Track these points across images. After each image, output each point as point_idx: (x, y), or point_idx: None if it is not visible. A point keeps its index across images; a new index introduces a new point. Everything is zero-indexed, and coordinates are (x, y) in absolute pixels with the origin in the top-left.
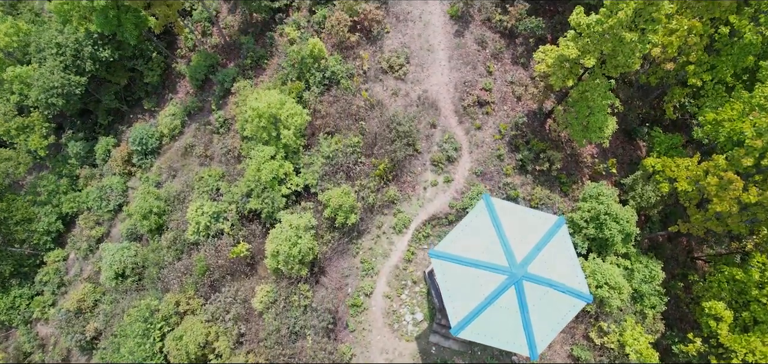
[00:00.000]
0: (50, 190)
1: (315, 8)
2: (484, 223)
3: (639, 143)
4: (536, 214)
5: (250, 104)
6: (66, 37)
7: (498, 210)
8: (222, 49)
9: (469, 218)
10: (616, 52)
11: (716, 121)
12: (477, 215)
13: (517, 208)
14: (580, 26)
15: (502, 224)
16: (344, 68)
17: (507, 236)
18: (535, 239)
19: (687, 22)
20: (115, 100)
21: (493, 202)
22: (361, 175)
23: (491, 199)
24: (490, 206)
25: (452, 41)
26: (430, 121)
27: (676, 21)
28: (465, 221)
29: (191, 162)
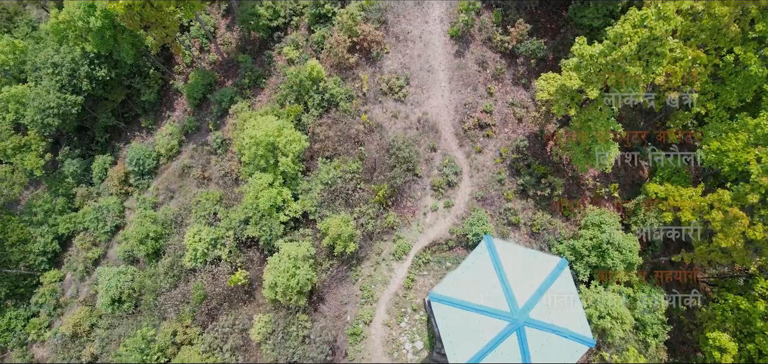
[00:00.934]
0: (46, 209)
1: (314, 27)
2: (486, 265)
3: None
4: (538, 256)
5: (248, 132)
6: (62, 57)
7: (499, 251)
8: (220, 66)
9: (470, 260)
10: (620, 83)
11: (720, 150)
12: (478, 256)
13: (519, 249)
14: (583, 57)
15: (504, 266)
16: (343, 90)
17: (508, 279)
18: (538, 282)
19: (691, 52)
20: (112, 118)
21: (495, 243)
22: (361, 201)
23: (492, 240)
24: (492, 248)
25: (453, 62)
26: (430, 144)
27: (681, 50)
28: (466, 262)
29: (189, 183)
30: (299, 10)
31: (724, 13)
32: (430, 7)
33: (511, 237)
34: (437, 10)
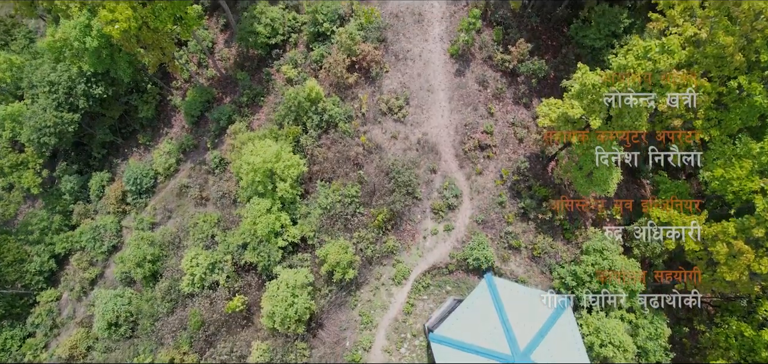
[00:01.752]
0: (42, 228)
1: (312, 45)
2: (486, 305)
3: (643, 182)
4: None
5: (245, 158)
6: (59, 75)
7: (501, 291)
8: (218, 81)
9: (471, 299)
10: (623, 113)
11: (724, 178)
12: (479, 295)
13: (521, 288)
14: (585, 86)
15: (505, 307)
16: (342, 110)
17: (510, 320)
18: (539, 323)
19: (695, 81)
20: (109, 133)
21: (496, 282)
22: (360, 226)
23: (493, 279)
24: (493, 287)
25: (453, 81)
26: (430, 166)
27: (685, 79)
28: (467, 302)
29: (186, 203)
30: (298, 28)
31: (729, 43)
32: (430, 25)
33: (511, 261)
34: (437, 29)
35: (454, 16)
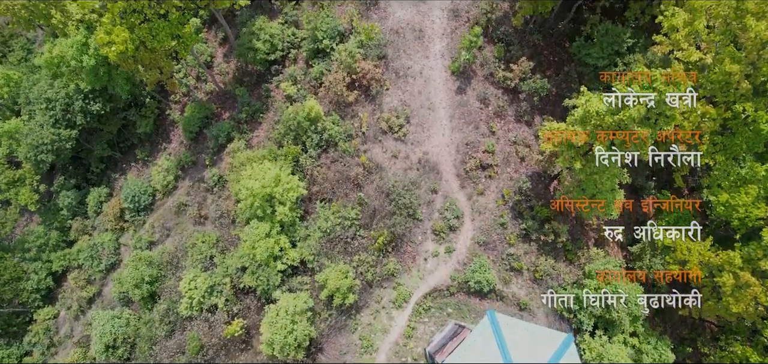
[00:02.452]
0: (39, 245)
1: (312, 62)
2: (489, 344)
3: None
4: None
5: (244, 183)
6: (56, 91)
7: (503, 328)
8: (217, 96)
9: (473, 337)
10: (627, 142)
11: (730, 204)
12: (481, 333)
13: (523, 325)
14: (588, 113)
15: (508, 345)
16: (342, 129)
17: (513, 358)
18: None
19: (701, 107)
20: (107, 148)
21: (498, 319)
22: (360, 249)
23: (496, 316)
24: (495, 324)
25: (454, 99)
26: (431, 186)
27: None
28: (469, 340)
29: (185, 221)
30: (297, 43)
31: (736, 71)
32: (430, 42)
33: (513, 283)
34: (438, 45)
35: (455, 32)
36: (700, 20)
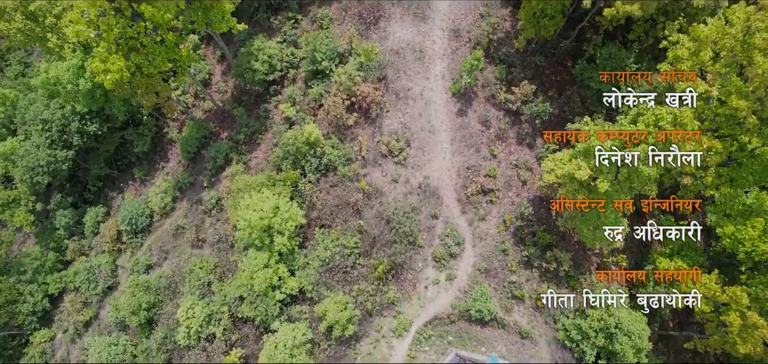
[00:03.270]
0: (35, 267)
1: (311, 82)
2: None
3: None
4: None
5: (242, 214)
6: (52, 112)
7: None
8: (215, 114)
9: None
10: (632, 178)
11: (736, 238)
12: None
13: None
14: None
15: None
16: (342, 153)
17: None
18: None
19: (707, 141)
20: (105, 167)
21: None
22: (359, 278)
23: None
24: None
25: (455, 121)
26: (431, 211)
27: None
28: None
29: (183, 243)
30: (296, 63)
31: (743, 108)
32: (431, 62)
33: (515, 311)
34: (439, 66)
35: (455, 52)
36: (706, 51)
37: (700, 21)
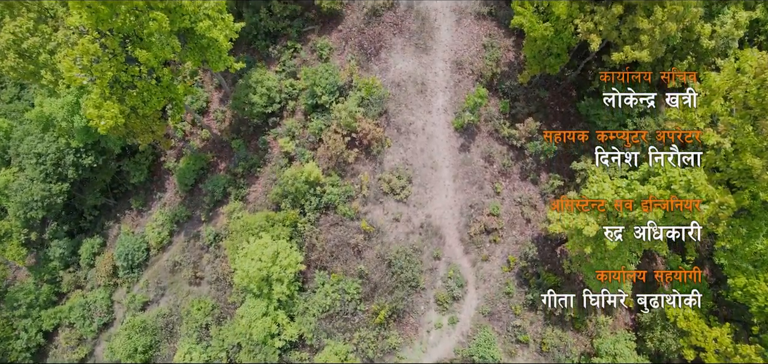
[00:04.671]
0: (29, 301)
1: (311, 116)
2: None
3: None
4: None
5: (240, 265)
6: (46, 146)
7: None
8: (213, 144)
9: None
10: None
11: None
12: None
13: None
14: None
15: None
16: (342, 190)
17: None
18: None
19: (719, 196)
20: (101, 197)
21: None
22: (360, 325)
23: None
24: None
25: (457, 157)
26: (433, 252)
27: (705, 187)
28: None
29: (180, 280)
30: (295, 95)
31: (758, 166)
32: (433, 95)
33: (519, 356)
34: (441, 99)
35: (458, 84)
36: (718, 100)
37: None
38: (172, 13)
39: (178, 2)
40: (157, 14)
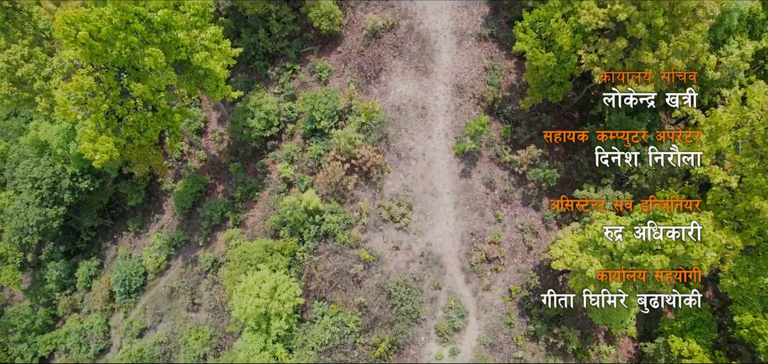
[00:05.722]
0: (25, 326)
1: (310, 140)
2: None
3: None
4: None
5: (238, 302)
6: (42, 170)
7: None
8: (210, 165)
9: None
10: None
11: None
12: None
13: None
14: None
15: None
16: (341, 218)
17: None
18: None
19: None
20: (97, 218)
21: None
22: (360, 358)
23: None
24: None
25: (458, 183)
26: (434, 281)
27: (713, 237)
28: None
29: (178, 306)
30: (293, 118)
31: (766, 209)
32: (433, 120)
33: None
34: (442, 124)
35: (459, 108)
36: (725, 138)
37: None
38: (168, 45)
39: (173, 35)
40: (152, 50)
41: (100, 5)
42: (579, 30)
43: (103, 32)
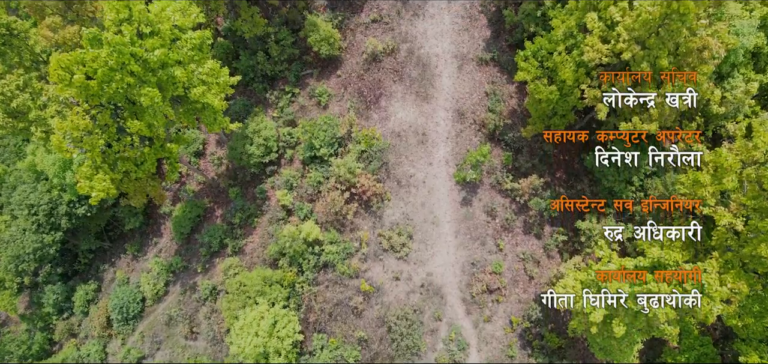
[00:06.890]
0: (22, 352)
1: (309, 168)
2: None
3: None
4: None
5: (236, 341)
6: (39, 196)
7: None
8: (209, 188)
9: None
10: (652, 326)
11: None
12: None
13: None
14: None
15: None
16: (341, 248)
17: None
18: None
19: (731, 282)
20: (95, 241)
21: None
22: None
23: None
24: None
25: (459, 211)
26: (434, 313)
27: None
28: None
29: (176, 334)
30: (293, 143)
31: None
32: (434, 146)
33: None
34: (442, 151)
35: (460, 135)
36: (730, 178)
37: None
38: (165, 82)
39: (169, 73)
40: (149, 90)
41: (96, 47)
42: (582, 65)
43: (99, 74)
